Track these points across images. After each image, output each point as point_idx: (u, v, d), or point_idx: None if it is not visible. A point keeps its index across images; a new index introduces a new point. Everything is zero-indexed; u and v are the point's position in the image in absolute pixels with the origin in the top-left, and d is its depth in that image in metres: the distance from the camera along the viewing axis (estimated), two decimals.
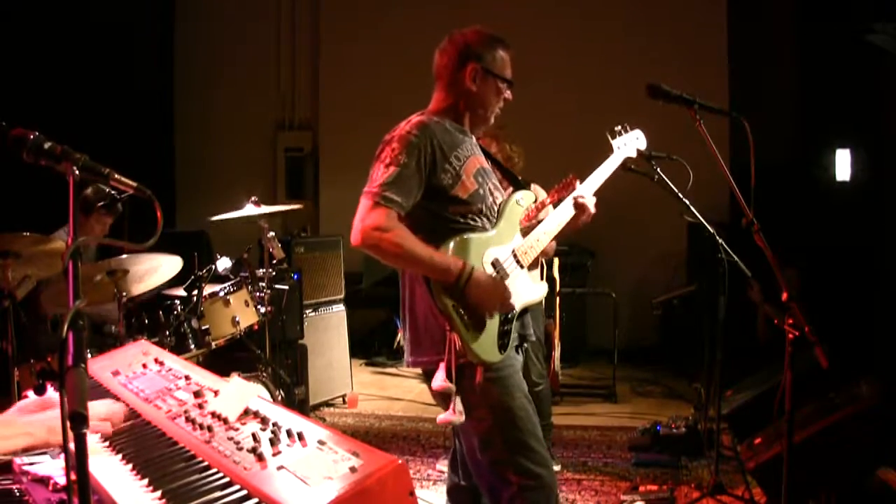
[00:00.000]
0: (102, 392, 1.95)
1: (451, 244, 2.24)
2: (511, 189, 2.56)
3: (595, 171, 2.63)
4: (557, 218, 2.51)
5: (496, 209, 2.39)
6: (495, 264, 2.30)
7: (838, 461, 3.06)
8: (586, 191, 2.57)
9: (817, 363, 2.21)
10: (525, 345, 2.46)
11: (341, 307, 5.70)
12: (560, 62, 7.35)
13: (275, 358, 4.53)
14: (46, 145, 1.33)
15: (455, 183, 2.29)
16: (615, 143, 2.72)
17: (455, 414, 2.20)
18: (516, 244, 2.39)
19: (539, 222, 2.52)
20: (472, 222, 2.31)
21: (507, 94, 2.44)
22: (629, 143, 2.75)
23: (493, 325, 2.24)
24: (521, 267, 2.38)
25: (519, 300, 2.33)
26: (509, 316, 2.30)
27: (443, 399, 2.23)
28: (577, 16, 7.44)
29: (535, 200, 2.59)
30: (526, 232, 2.45)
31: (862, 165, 6.34)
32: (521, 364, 2.41)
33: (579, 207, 2.52)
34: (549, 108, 7.14)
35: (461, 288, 2.17)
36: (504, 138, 3.87)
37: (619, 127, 2.74)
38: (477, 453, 2.30)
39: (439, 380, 2.20)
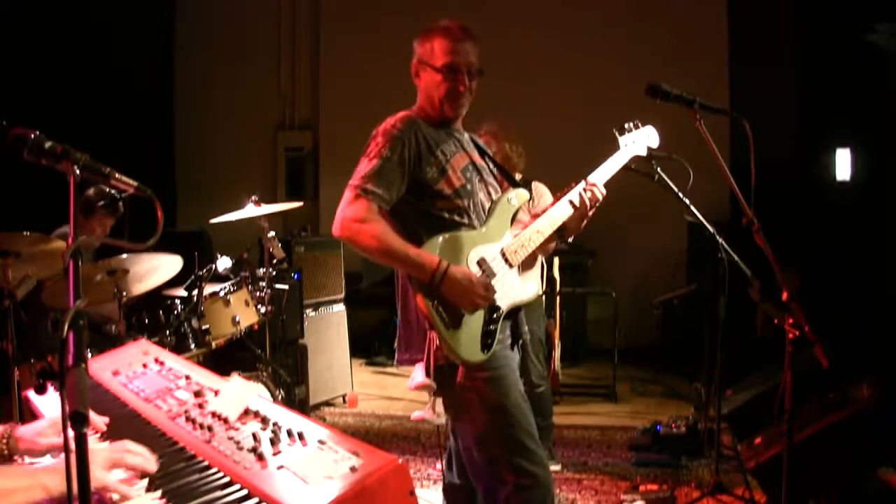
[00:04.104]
0: (103, 392, 1.95)
1: (438, 241, 2.21)
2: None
3: (601, 166, 2.53)
4: (552, 217, 2.43)
5: (486, 207, 2.36)
6: (481, 263, 2.26)
7: (838, 461, 3.06)
8: (597, 179, 2.48)
9: (817, 363, 2.21)
10: (521, 342, 2.42)
11: (341, 307, 5.69)
12: (560, 62, 7.34)
13: (275, 358, 4.52)
14: (47, 145, 1.33)
15: (440, 177, 2.28)
16: (622, 139, 2.60)
17: (432, 414, 2.18)
18: (506, 243, 2.33)
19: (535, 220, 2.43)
20: (458, 218, 2.29)
21: (459, 81, 2.29)
22: (638, 141, 2.62)
23: (476, 324, 2.20)
24: (511, 266, 2.32)
25: (506, 300, 2.28)
26: (495, 316, 2.24)
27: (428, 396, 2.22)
28: (577, 15, 7.43)
29: (530, 199, 2.51)
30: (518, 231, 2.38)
31: (862, 165, 6.34)
32: (518, 362, 2.38)
33: (583, 197, 2.42)
34: (549, 107, 7.13)
35: (436, 286, 2.14)
36: (504, 138, 3.80)
37: (630, 124, 2.63)
38: (473, 452, 2.29)
39: (419, 378, 2.19)
